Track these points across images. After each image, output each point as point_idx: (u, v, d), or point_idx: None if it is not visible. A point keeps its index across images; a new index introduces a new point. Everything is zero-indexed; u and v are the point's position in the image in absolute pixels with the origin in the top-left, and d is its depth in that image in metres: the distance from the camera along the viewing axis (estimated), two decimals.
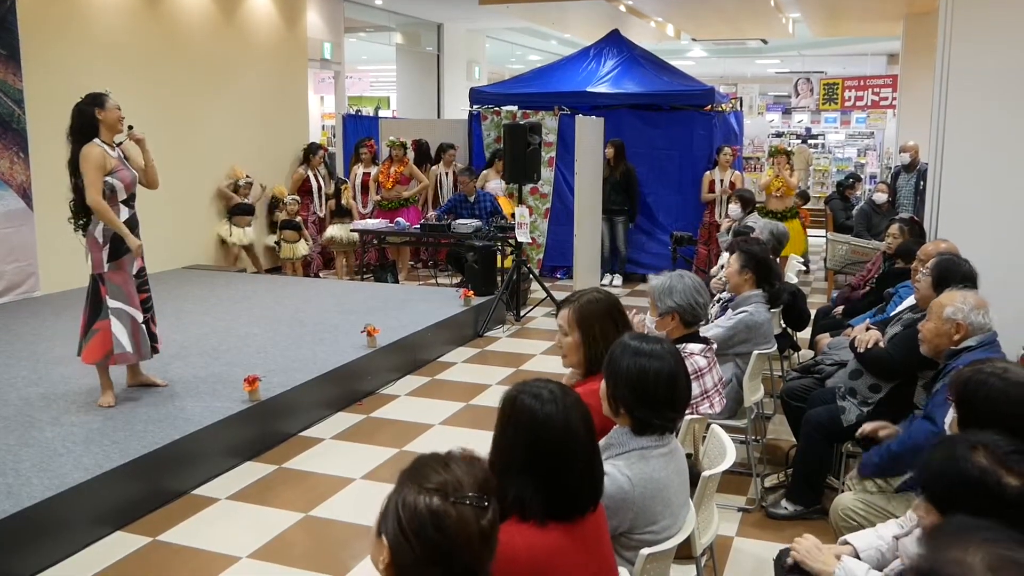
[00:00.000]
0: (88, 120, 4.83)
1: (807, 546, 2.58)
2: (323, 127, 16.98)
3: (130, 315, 4.96)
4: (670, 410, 2.49)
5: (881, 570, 2.49)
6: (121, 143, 5.01)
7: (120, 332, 4.93)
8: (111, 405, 4.94)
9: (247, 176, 10.18)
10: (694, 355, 3.58)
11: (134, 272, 5.01)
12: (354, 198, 10.58)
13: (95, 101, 4.85)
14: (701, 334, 3.84)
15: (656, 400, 2.47)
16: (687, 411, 3.44)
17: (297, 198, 10.40)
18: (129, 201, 4.98)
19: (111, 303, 4.92)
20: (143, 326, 5.03)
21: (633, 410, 2.49)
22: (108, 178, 4.82)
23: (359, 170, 10.61)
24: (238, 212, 10.05)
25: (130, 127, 4.98)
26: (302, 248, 10.25)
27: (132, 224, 4.99)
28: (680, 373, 2.52)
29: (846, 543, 2.69)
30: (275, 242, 10.53)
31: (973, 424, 2.44)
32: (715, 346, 3.85)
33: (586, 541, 2.11)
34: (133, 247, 4.92)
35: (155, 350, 5.19)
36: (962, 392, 2.49)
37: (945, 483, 1.97)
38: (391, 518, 1.59)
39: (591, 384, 2.82)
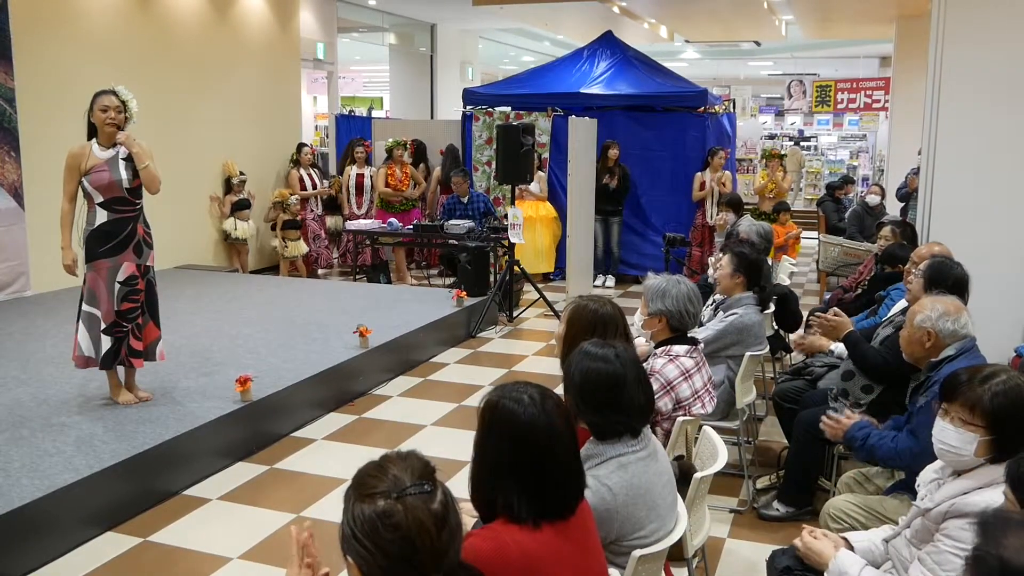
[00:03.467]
0: (88, 122, 4.82)
1: (808, 538, 2.61)
2: (316, 127, 16.97)
3: (97, 319, 4.83)
4: (616, 412, 2.45)
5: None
6: (115, 143, 4.79)
7: (83, 336, 4.85)
8: (126, 403, 4.95)
9: (241, 173, 10.19)
10: (680, 357, 3.58)
11: (121, 279, 4.83)
12: (348, 199, 10.58)
13: (90, 103, 4.79)
14: (690, 335, 3.84)
15: (598, 403, 2.46)
16: (672, 415, 3.47)
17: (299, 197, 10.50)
18: (111, 205, 4.76)
19: (83, 306, 4.85)
20: (104, 335, 4.83)
21: (584, 414, 2.49)
22: (83, 179, 4.71)
23: (353, 171, 10.60)
24: (238, 207, 10.12)
25: (117, 137, 4.78)
26: (303, 246, 10.29)
27: (115, 231, 4.79)
28: (628, 377, 2.49)
29: (846, 540, 2.70)
30: (279, 241, 10.56)
31: (1016, 445, 2.40)
32: (702, 346, 3.85)
33: (576, 540, 2.12)
34: (62, 261, 4.78)
35: (128, 363, 4.97)
36: (996, 417, 2.42)
37: None
38: (348, 536, 1.62)
39: None
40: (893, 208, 11.40)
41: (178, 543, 4.00)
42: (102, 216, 4.78)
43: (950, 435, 2.49)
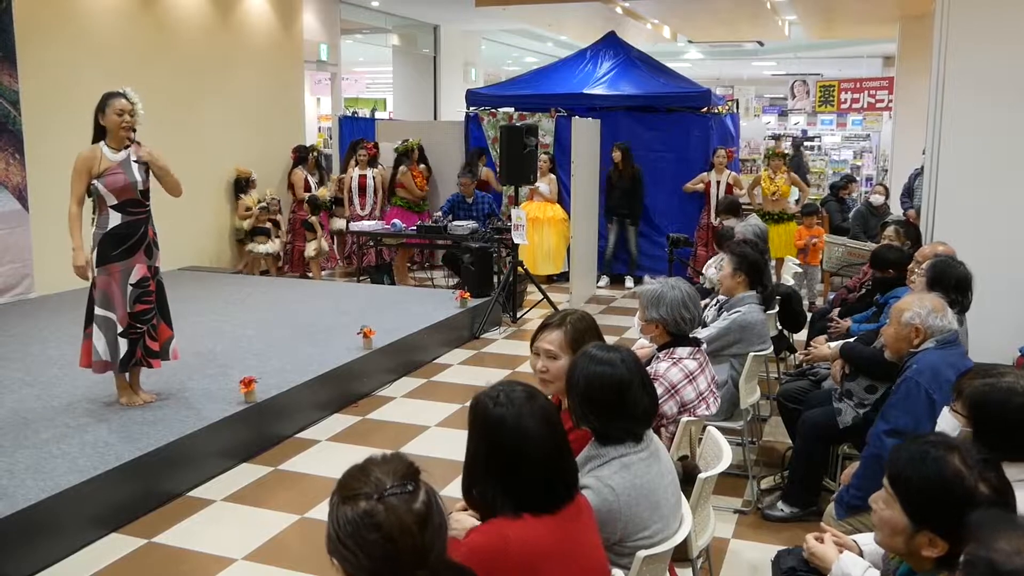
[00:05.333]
0: (96, 124, 4.78)
1: (812, 542, 2.61)
2: (319, 128, 16.97)
3: (113, 323, 4.82)
4: (620, 419, 2.46)
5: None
6: (128, 146, 4.80)
7: (99, 340, 4.83)
8: (135, 404, 4.94)
9: (269, 196, 10.33)
10: (683, 360, 3.57)
11: (133, 281, 4.84)
12: (351, 201, 10.59)
13: (100, 105, 4.76)
14: (692, 335, 3.83)
15: (603, 408, 2.47)
16: (677, 417, 3.46)
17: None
18: (124, 207, 4.76)
19: (97, 310, 4.83)
20: (122, 338, 4.83)
21: (587, 418, 2.50)
22: (95, 181, 4.68)
23: (356, 172, 10.60)
24: (257, 233, 10.22)
25: (135, 142, 4.80)
26: (311, 248, 10.32)
27: (127, 233, 4.78)
28: (633, 382, 2.49)
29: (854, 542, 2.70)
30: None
31: (991, 441, 2.40)
32: (705, 346, 3.85)
33: (573, 535, 2.15)
34: (74, 262, 4.76)
35: (148, 364, 5.00)
36: (979, 409, 2.45)
37: (917, 480, 1.97)
38: (332, 538, 1.66)
39: None
40: (897, 208, 11.38)
41: (183, 544, 4.00)
42: (115, 219, 4.77)
43: (945, 420, 2.58)
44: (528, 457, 2.11)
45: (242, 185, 10.42)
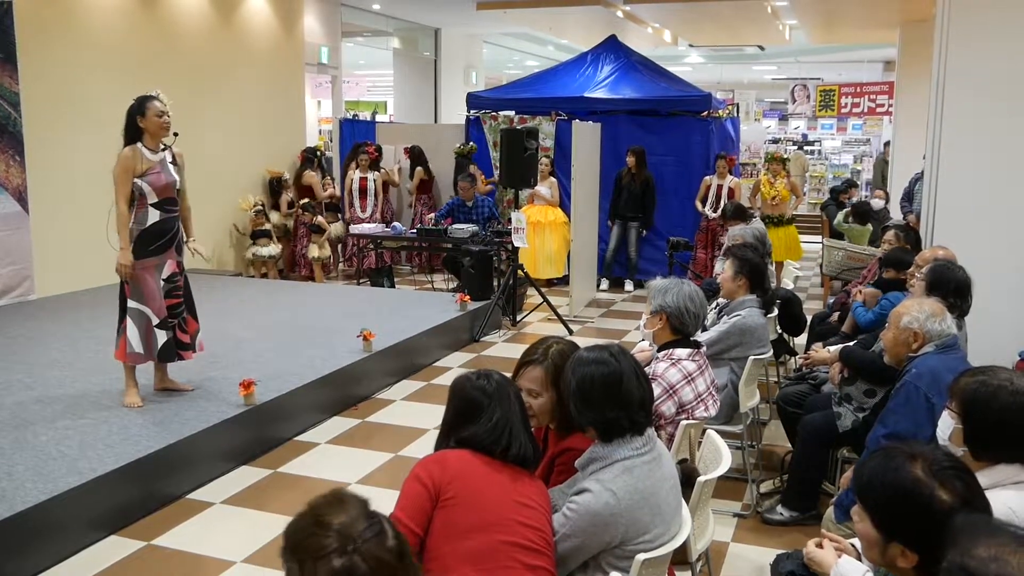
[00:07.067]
0: (131, 124, 4.88)
1: (812, 547, 2.61)
2: (320, 131, 17.00)
3: (146, 316, 4.96)
4: (614, 407, 2.47)
5: None
6: (167, 147, 4.97)
7: (133, 333, 4.94)
8: (135, 405, 4.97)
9: (264, 198, 10.39)
10: (682, 360, 3.58)
11: (164, 276, 5.00)
12: (352, 203, 10.60)
13: (138, 107, 4.87)
14: (693, 338, 3.83)
15: (596, 401, 2.48)
16: (675, 419, 3.46)
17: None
18: (163, 205, 4.91)
19: (130, 303, 4.94)
20: (157, 330, 4.99)
21: (582, 415, 2.52)
22: (138, 180, 4.80)
23: (356, 175, 10.62)
24: (258, 236, 10.23)
25: (175, 134, 4.99)
26: (327, 250, 10.33)
27: (163, 229, 4.93)
28: (626, 372, 2.51)
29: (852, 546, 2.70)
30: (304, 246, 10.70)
31: (981, 438, 2.41)
32: (704, 348, 3.86)
33: (509, 477, 2.42)
34: (120, 260, 4.81)
35: (180, 356, 5.15)
36: (969, 405, 2.44)
37: (879, 491, 1.96)
38: None
39: (575, 439, 2.79)
40: (896, 212, 11.38)
41: (182, 547, 4.00)
42: (154, 216, 4.91)
43: (945, 424, 2.55)
44: (478, 415, 2.46)
45: (275, 186, 10.53)
